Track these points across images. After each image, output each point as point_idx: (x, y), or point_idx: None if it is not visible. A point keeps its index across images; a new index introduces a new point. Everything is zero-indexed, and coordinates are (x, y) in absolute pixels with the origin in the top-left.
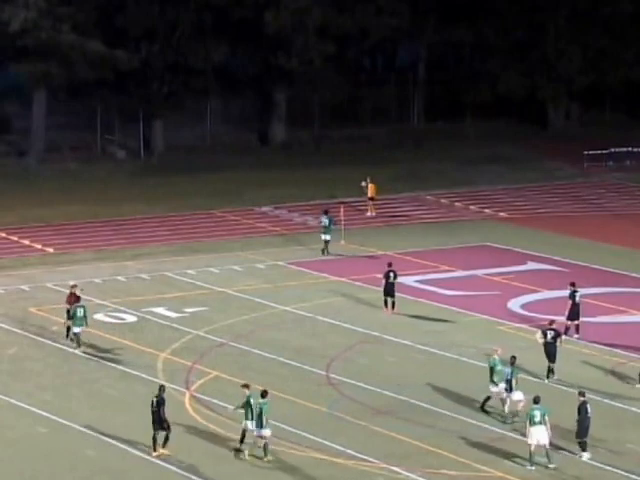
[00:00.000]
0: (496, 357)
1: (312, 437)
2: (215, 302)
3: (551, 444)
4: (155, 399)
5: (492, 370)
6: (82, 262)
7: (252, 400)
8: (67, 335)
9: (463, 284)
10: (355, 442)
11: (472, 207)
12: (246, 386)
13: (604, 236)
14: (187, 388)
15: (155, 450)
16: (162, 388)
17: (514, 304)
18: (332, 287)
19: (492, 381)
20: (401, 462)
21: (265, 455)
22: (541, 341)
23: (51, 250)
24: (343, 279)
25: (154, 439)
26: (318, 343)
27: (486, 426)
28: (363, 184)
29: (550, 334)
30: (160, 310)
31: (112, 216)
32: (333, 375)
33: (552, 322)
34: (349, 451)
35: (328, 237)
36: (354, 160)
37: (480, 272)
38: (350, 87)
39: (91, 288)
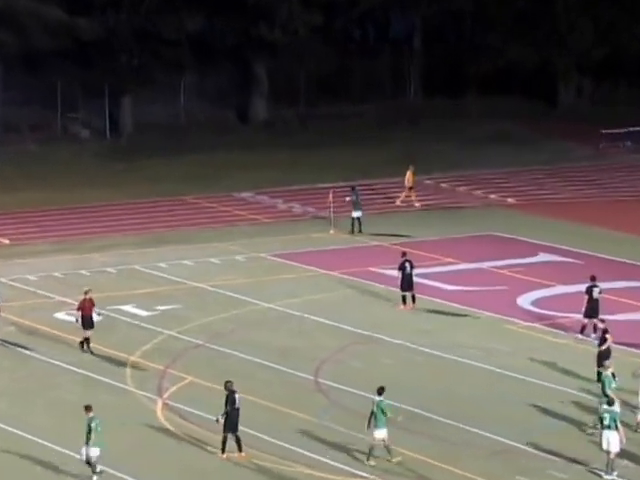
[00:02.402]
0: (609, 373)
1: (299, 450)
2: (190, 298)
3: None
4: (236, 396)
5: (604, 385)
6: (41, 254)
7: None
8: (82, 346)
9: (467, 278)
10: (348, 455)
11: (476, 192)
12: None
13: (622, 224)
14: (159, 395)
15: (223, 452)
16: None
17: (524, 300)
18: (321, 281)
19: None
20: (399, 477)
21: (391, 456)
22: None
23: (6, 241)
24: (334, 273)
25: (224, 441)
26: (306, 344)
27: (493, 436)
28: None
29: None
30: (128, 308)
31: (75, 203)
32: (323, 380)
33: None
34: (341, 466)
35: (359, 214)
36: (344, 140)
37: (486, 265)
38: (339, 59)
39: (51, 283)
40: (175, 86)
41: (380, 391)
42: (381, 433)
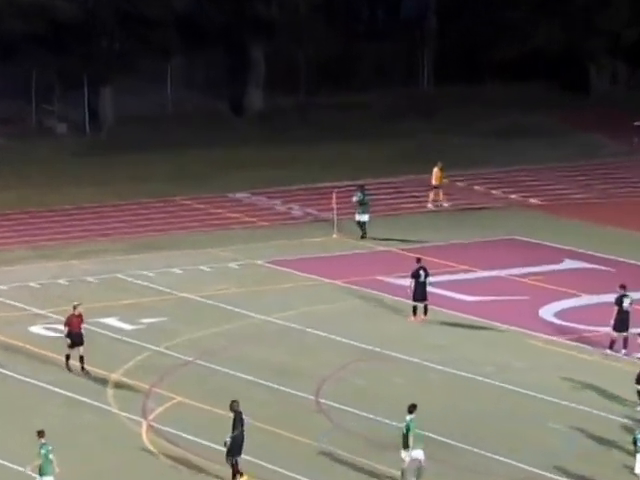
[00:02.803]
0: None
1: (298, 477)
2: (178, 310)
3: None
4: (241, 417)
5: None
6: (15, 262)
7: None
8: (67, 364)
9: (484, 287)
10: None
11: (495, 192)
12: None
13: None
14: (144, 417)
15: (242, 476)
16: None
17: (547, 312)
18: (324, 291)
19: None
20: None
21: None
22: None
23: None
24: (337, 282)
25: (235, 464)
26: (306, 361)
27: (514, 463)
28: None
29: None
30: (111, 321)
31: (51, 205)
32: (324, 400)
33: None
34: None
35: (366, 217)
36: (349, 133)
37: (505, 272)
38: (344, 42)
39: (26, 294)
40: (161, 74)
41: (411, 409)
42: (418, 454)
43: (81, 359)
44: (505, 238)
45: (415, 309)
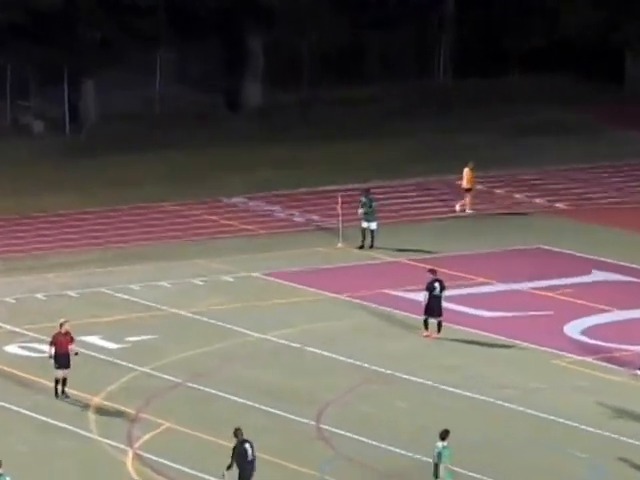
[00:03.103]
0: None
1: None
2: (167, 328)
3: None
4: (247, 446)
5: None
6: None
7: None
8: (56, 389)
9: (504, 302)
10: None
11: (518, 196)
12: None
13: None
14: (129, 444)
15: None
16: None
17: (573, 328)
18: (326, 307)
19: None
20: None
21: None
22: None
23: None
24: (342, 296)
25: None
26: (306, 383)
27: None
28: (360, 210)
29: None
30: (93, 339)
31: (27, 211)
32: (326, 426)
33: None
34: None
35: (374, 225)
36: (356, 131)
37: (527, 285)
38: (350, 31)
39: (0, 310)
40: (149, 66)
41: (443, 435)
42: None
43: (63, 382)
44: (528, 247)
45: (427, 322)
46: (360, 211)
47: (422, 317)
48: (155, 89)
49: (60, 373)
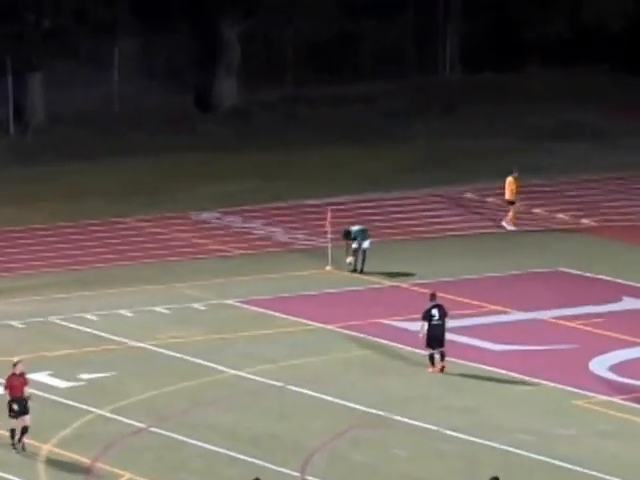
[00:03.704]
0: None
1: None
2: (128, 364)
3: None
4: None
5: None
6: None
7: None
8: (12, 440)
9: (521, 333)
10: None
11: (537, 210)
12: None
13: None
14: None
15: None
16: None
17: (599, 364)
18: (313, 339)
19: None
20: None
21: None
22: None
23: None
24: (330, 326)
25: None
26: (289, 428)
27: None
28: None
29: None
30: (41, 377)
31: None
32: (313, 478)
33: None
34: None
35: (366, 244)
36: (348, 135)
37: (548, 314)
38: (342, 19)
39: None
40: (106, 59)
41: None
42: None
43: (23, 431)
44: (548, 270)
45: (432, 358)
46: (349, 259)
47: (425, 352)
48: (113, 86)
49: (16, 422)
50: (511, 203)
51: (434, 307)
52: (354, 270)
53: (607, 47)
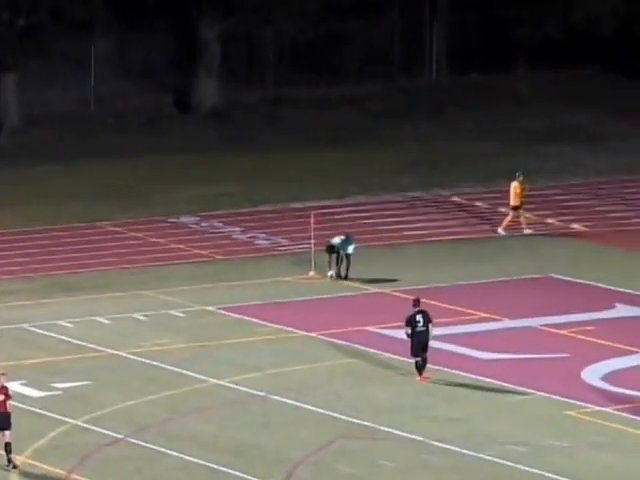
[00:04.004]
0: None
1: None
2: (105, 372)
3: None
4: None
5: None
6: None
7: None
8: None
9: (510, 341)
10: None
11: (527, 214)
12: None
13: None
14: None
15: None
16: None
17: (592, 373)
18: (296, 347)
19: None
20: None
21: None
22: None
23: None
24: (314, 334)
25: None
26: (273, 439)
27: None
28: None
29: None
30: (14, 386)
31: None
32: None
33: None
34: None
35: (350, 249)
36: (332, 137)
37: (538, 321)
38: (326, 18)
39: None
40: (82, 58)
41: None
42: None
43: (7, 447)
44: (539, 276)
45: (418, 366)
46: (331, 272)
47: (411, 360)
48: (89, 86)
49: (7, 436)
50: (516, 208)
51: (418, 313)
52: (338, 276)
53: (598, 49)
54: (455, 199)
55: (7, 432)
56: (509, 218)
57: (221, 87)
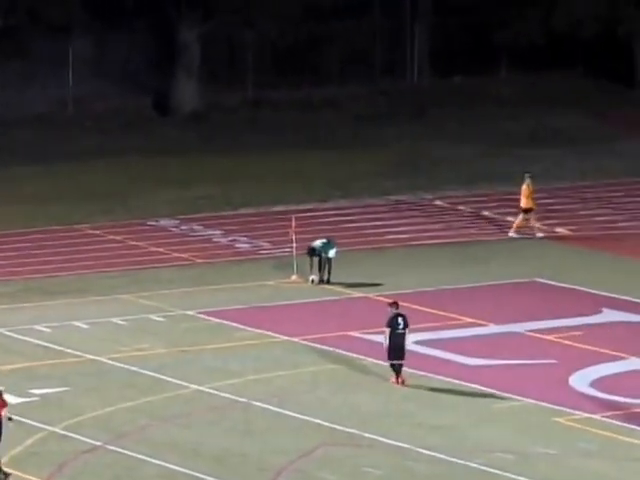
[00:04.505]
0: None
1: None
2: (82, 378)
3: None
4: None
5: None
6: None
7: None
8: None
9: (496, 347)
10: None
11: (510, 218)
12: None
13: None
14: None
15: None
16: None
17: (580, 379)
18: (278, 352)
19: None
20: None
21: None
22: None
23: None
24: (296, 339)
25: None
26: (255, 446)
27: None
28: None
29: None
30: None
31: None
32: None
33: None
34: None
35: (332, 253)
36: (313, 139)
37: (525, 327)
38: (307, 20)
39: None
40: (60, 60)
41: None
42: None
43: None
44: (524, 281)
45: (394, 367)
46: (312, 277)
47: (392, 362)
48: (66, 87)
49: None
50: (527, 211)
51: (398, 316)
52: (321, 281)
53: (580, 51)
54: (438, 202)
55: None
56: (518, 221)
57: (201, 89)
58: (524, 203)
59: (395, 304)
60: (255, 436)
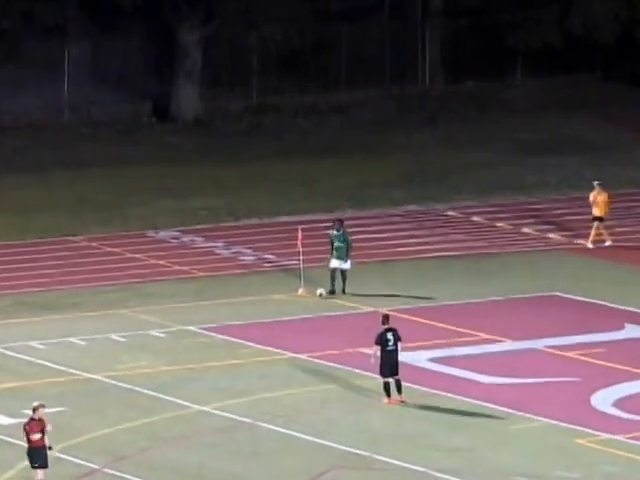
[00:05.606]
0: None
1: None
2: (80, 398)
3: None
4: None
5: None
6: None
7: None
8: None
9: (514, 364)
10: None
11: (527, 229)
12: None
13: None
14: None
15: None
16: None
17: (602, 399)
18: (285, 370)
19: None
20: None
21: None
22: None
23: None
24: (304, 356)
25: None
26: (261, 469)
27: None
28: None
29: None
30: None
31: None
32: None
33: None
34: None
35: (346, 265)
36: (320, 147)
37: (544, 343)
38: (314, 23)
39: None
40: (55, 64)
41: None
42: None
43: None
44: (543, 295)
45: (388, 387)
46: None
47: (385, 380)
48: (62, 92)
49: (40, 474)
50: (600, 219)
51: (388, 331)
52: (331, 292)
53: (598, 55)
54: (450, 213)
55: (41, 471)
56: (594, 231)
57: (202, 94)
58: (598, 211)
59: (386, 318)
60: (261, 459)
